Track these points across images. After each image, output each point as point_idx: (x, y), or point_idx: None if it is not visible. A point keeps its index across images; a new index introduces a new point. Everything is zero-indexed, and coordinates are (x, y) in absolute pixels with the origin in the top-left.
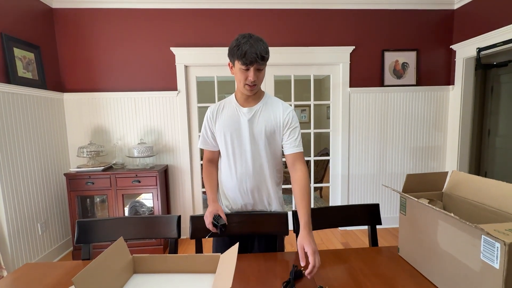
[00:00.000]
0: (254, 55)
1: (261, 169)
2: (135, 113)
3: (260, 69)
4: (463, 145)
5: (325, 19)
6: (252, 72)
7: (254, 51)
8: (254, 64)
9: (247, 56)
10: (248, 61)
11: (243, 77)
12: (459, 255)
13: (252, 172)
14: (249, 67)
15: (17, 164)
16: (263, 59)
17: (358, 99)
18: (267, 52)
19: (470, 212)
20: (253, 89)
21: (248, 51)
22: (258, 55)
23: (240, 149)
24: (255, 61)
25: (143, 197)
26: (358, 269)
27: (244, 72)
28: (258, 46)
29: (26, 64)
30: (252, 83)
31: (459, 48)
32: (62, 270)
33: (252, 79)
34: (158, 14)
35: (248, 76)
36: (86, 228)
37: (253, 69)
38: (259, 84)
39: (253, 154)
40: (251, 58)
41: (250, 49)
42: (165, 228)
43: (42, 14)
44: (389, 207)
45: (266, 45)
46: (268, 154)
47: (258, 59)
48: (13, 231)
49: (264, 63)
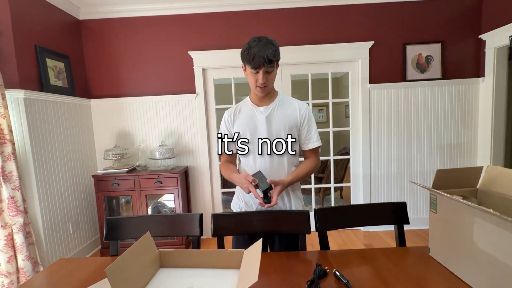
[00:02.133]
0: (261, 59)
1: (279, 167)
2: (156, 116)
3: (269, 71)
4: (497, 141)
5: (341, 15)
6: (261, 75)
7: (261, 54)
8: (262, 68)
9: (255, 60)
10: (256, 64)
11: (253, 79)
12: (498, 255)
13: (270, 169)
14: (258, 70)
15: (50, 167)
16: (271, 62)
17: (379, 95)
18: (275, 55)
19: (510, 209)
20: (264, 90)
21: (256, 55)
22: (266, 59)
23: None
24: (263, 65)
25: (165, 198)
26: (386, 270)
27: (254, 74)
28: (266, 50)
29: (57, 73)
30: (262, 85)
31: (489, 37)
32: (93, 264)
33: (261, 81)
34: (175, 20)
35: (258, 78)
36: (114, 225)
37: (262, 72)
38: (270, 85)
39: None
40: (259, 62)
41: (258, 53)
42: (188, 226)
43: (70, 25)
44: (415, 208)
45: (276, 47)
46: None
47: (265, 62)
48: (48, 230)
49: (272, 66)
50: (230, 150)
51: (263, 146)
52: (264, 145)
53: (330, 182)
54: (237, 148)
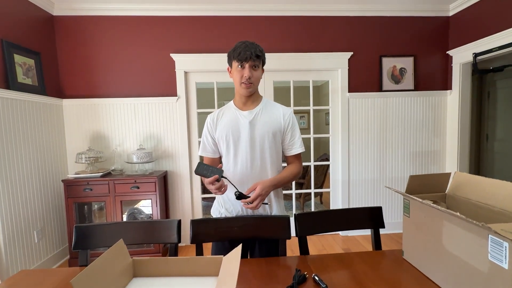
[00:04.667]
0: (248, 52)
1: (262, 171)
2: (134, 119)
3: (255, 66)
4: (462, 149)
5: (322, 25)
6: (247, 69)
7: (248, 49)
8: (249, 61)
9: (242, 53)
10: (243, 57)
11: (239, 75)
12: (466, 256)
13: (253, 174)
14: (244, 64)
15: (14, 170)
16: (258, 57)
17: (357, 104)
18: (261, 51)
19: (475, 213)
20: (250, 88)
21: (243, 50)
22: (253, 53)
23: (241, 151)
24: (250, 58)
25: (142, 204)
26: (363, 273)
27: (240, 70)
28: (253, 47)
29: (26, 70)
30: (248, 80)
31: (455, 54)
32: (59, 276)
33: (247, 75)
34: (158, 21)
35: (243, 73)
36: (84, 233)
37: (248, 66)
38: (255, 83)
39: (254, 156)
40: (246, 55)
41: (245, 48)
42: (165, 233)
43: (43, 21)
44: (390, 213)
45: (261, 48)
46: (269, 156)
47: (252, 55)
48: (8, 239)
49: (258, 61)
50: (212, 154)
51: (246, 150)
52: (247, 149)
53: (310, 188)
54: (219, 153)
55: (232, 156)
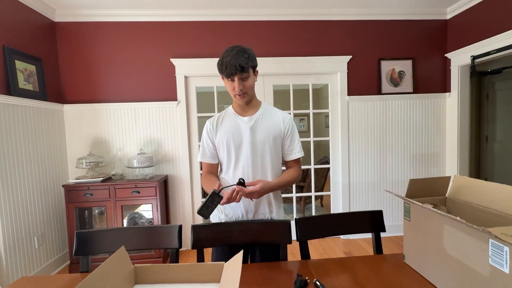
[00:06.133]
0: (233, 67)
1: (262, 175)
2: (135, 124)
3: (244, 78)
4: (462, 151)
5: (321, 30)
6: (237, 83)
7: (233, 63)
8: (236, 76)
9: (227, 69)
10: (229, 73)
11: (231, 88)
12: (467, 260)
13: (253, 179)
14: (232, 78)
15: (15, 175)
16: (243, 69)
17: (356, 107)
18: (247, 63)
19: (475, 216)
20: (244, 98)
21: (228, 64)
22: (237, 67)
23: (243, 157)
24: (235, 73)
25: (142, 209)
26: (364, 278)
27: (230, 83)
28: (238, 58)
29: (27, 76)
30: (240, 92)
31: (453, 56)
32: (60, 283)
33: (238, 89)
34: (158, 26)
35: (234, 86)
36: (85, 239)
37: (237, 79)
38: (249, 92)
39: (255, 161)
40: (230, 70)
41: (230, 61)
42: (166, 238)
43: (45, 27)
44: (391, 215)
45: (249, 54)
46: (269, 161)
47: (237, 70)
48: (8, 245)
49: (246, 72)
50: (211, 159)
51: (247, 156)
52: (248, 155)
53: (311, 191)
54: (220, 158)
55: (233, 162)
